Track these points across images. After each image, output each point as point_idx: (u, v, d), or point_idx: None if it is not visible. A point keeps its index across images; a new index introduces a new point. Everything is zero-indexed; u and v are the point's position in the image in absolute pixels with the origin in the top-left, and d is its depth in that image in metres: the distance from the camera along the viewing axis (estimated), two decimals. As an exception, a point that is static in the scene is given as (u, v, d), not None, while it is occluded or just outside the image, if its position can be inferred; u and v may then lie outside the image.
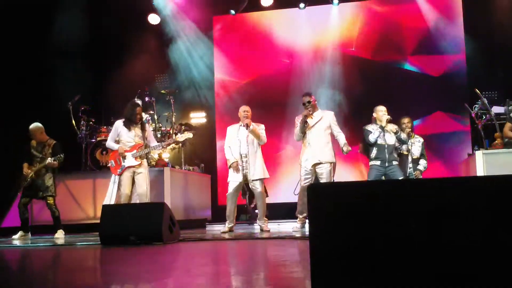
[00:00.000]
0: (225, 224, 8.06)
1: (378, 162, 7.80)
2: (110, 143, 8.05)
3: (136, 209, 6.29)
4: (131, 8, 12.26)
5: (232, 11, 13.41)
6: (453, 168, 11.67)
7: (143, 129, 8.00)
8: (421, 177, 8.29)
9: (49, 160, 8.08)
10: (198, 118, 13.27)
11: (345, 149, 7.70)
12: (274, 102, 12.73)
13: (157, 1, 12.92)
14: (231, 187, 7.92)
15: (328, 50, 12.95)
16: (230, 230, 7.93)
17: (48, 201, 8.21)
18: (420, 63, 12.50)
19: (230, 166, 7.91)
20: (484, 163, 8.48)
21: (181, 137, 8.20)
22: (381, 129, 7.81)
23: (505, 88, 10.62)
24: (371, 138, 7.84)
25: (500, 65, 11.46)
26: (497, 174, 2.30)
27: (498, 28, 11.42)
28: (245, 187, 9.77)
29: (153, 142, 8.13)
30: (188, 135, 8.23)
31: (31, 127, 8.34)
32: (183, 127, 11.14)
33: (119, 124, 8.00)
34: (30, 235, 8.34)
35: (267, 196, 8.81)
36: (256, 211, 8.84)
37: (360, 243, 2.09)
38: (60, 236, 8.07)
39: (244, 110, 7.98)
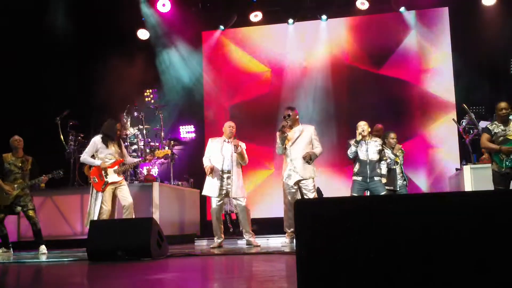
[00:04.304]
0: (214, 239, 8.01)
1: (359, 178, 7.83)
2: (87, 159, 7.97)
3: (124, 225, 6.25)
4: (121, 23, 12.28)
5: (221, 27, 13.47)
6: (441, 183, 11.71)
7: (120, 145, 8.05)
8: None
9: (44, 177, 8.06)
10: (187, 133, 13.25)
11: (306, 158, 7.66)
12: (263, 117, 12.75)
13: (147, 16, 12.95)
14: (214, 203, 7.84)
15: (317, 65, 13.02)
16: (219, 246, 7.88)
17: (30, 214, 8.05)
18: (408, 78, 12.59)
19: (206, 171, 7.79)
20: (472, 178, 8.53)
21: (160, 152, 8.33)
22: (356, 143, 7.82)
23: (492, 103, 10.70)
24: (348, 153, 7.91)
25: (487, 81, 11.56)
26: (485, 189, 2.32)
27: (485, 44, 11.52)
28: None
29: (129, 158, 8.19)
30: (167, 151, 8.32)
31: (17, 138, 8.21)
32: (172, 142, 11.13)
33: (97, 140, 7.95)
34: (12, 251, 8.19)
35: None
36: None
37: (346, 257, 2.09)
38: (44, 251, 7.94)
39: (229, 125, 7.90)
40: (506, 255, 1.98)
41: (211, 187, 7.77)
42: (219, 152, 7.80)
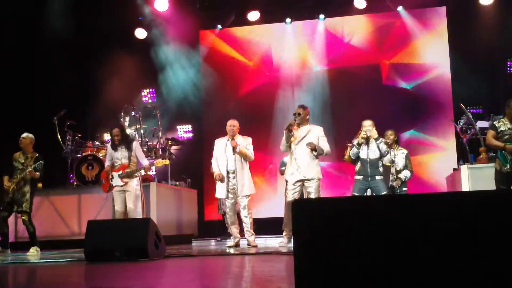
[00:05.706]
0: (216, 239, 8.05)
1: (360, 177, 7.80)
2: (106, 163, 8.34)
3: (121, 225, 6.24)
4: (118, 22, 12.26)
5: (219, 26, 13.46)
6: (438, 183, 11.71)
7: (129, 149, 8.06)
8: (400, 185, 8.31)
9: (29, 169, 7.91)
10: (184, 132, 13.22)
11: (310, 145, 7.53)
12: (261, 117, 12.75)
13: (144, 15, 12.93)
14: (227, 203, 7.93)
15: (314, 64, 13.03)
16: (237, 245, 7.95)
17: (23, 217, 8.01)
18: (406, 78, 12.59)
19: (215, 178, 7.88)
20: (469, 178, 8.51)
21: (159, 162, 8.35)
22: (358, 145, 7.77)
23: (490, 103, 10.73)
24: (350, 154, 7.89)
25: (485, 80, 11.56)
26: (482, 189, 2.32)
27: (482, 43, 11.54)
28: (220, 204, 9.76)
29: (144, 161, 8.22)
30: (165, 161, 8.39)
31: (27, 135, 8.21)
32: (169, 142, 11.11)
33: (108, 146, 8.41)
34: (9, 251, 8.15)
35: None
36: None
37: (344, 258, 2.08)
38: (33, 253, 7.87)
39: (230, 124, 7.86)
40: (505, 254, 1.98)
41: (220, 189, 7.88)
42: (223, 152, 7.83)
